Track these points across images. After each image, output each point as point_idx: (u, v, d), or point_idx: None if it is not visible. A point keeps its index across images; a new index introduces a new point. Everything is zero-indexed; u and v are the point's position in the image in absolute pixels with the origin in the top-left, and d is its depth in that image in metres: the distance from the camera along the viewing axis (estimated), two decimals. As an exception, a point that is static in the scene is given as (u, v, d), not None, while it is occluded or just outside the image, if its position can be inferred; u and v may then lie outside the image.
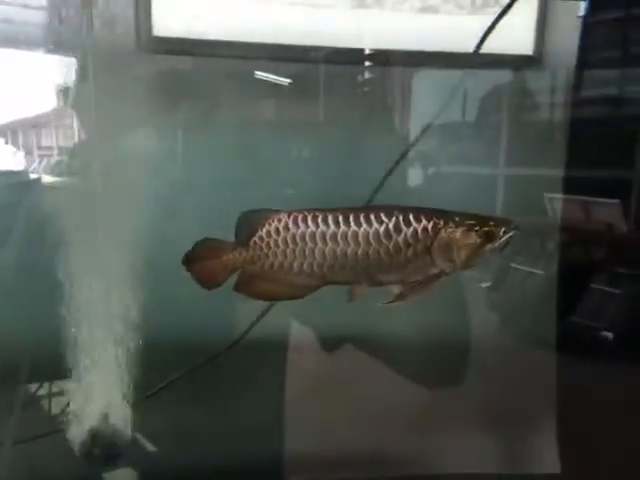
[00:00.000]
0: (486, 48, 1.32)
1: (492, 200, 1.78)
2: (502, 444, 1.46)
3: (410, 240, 0.74)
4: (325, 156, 1.33)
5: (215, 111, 1.24)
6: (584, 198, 2.50)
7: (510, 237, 0.73)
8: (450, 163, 1.72)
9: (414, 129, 1.55)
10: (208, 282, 0.75)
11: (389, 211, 0.75)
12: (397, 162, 1.15)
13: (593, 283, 2.55)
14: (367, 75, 1.48)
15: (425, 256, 0.74)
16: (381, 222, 0.74)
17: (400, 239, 0.73)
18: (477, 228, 0.74)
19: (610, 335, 2.40)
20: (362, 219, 0.74)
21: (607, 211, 2.51)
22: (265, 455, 1.14)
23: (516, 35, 1.40)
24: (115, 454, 0.75)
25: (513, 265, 2.47)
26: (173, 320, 1.00)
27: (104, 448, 0.73)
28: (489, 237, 0.74)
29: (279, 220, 0.74)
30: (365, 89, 1.46)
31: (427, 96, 1.54)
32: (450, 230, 0.74)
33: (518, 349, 1.62)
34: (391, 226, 0.74)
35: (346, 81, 1.45)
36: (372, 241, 0.73)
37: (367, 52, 1.36)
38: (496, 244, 0.74)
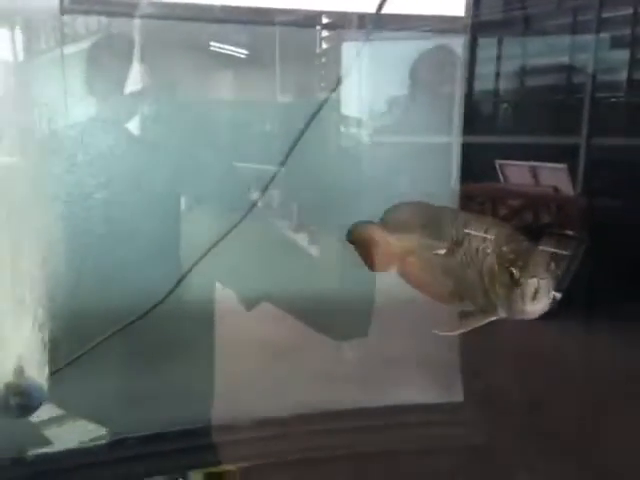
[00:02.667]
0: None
1: (446, 168, 1.81)
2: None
3: (467, 258, 0.61)
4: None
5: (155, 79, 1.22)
6: (532, 163, 2.57)
7: (549, 292, 0.52)
8: (403, 132, 1.74)
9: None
10: (378, 265, 0.71)
11: (469, 221, 0.64)
12: (304, 130, 1.15)
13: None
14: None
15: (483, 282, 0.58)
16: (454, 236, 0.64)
17: (460, 255, 0.63)
18: (507, 265, 0.56)
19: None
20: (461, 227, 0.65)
21: (555, 175, 2.59)
22: (196, 415, 1.19)
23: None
24: (31, 405, 0.79)
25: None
26: (99, 282, 1.02)
27: (20, 399, 0.77)
28: (513, 280, 0.56)
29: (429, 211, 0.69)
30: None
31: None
32: (499, 261, 0.57)
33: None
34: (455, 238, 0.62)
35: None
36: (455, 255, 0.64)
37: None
38: (523, 293, 0.55)
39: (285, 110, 1.36)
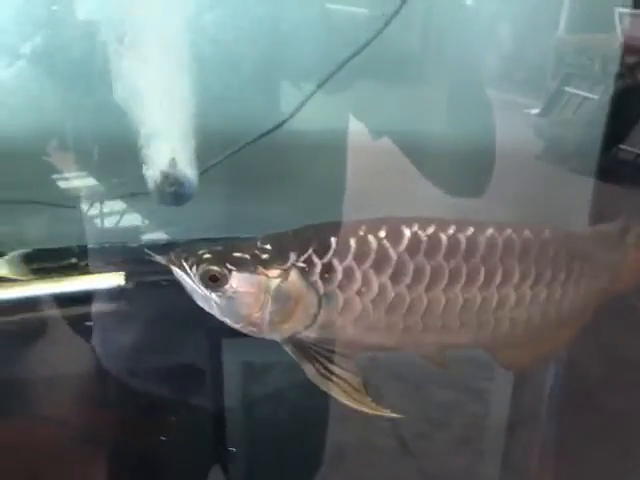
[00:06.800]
0: None
1: (555, 17, 1.66)
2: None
3: None
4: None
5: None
6: (659, 14, 2.28)
7: None
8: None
9: None
10: None
11: None
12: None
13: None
14: None
15: None
16: None
17: None
18: None
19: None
20: None
21: (684, 29, 2.30)
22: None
23: None
24: (184, 194, 0.88)
25: (567, 89, 2.36)
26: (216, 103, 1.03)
27: (174, 187, 0.85)
28: None
29: None
30: None
31: None
32: None
33: (557, 175, 1.63)
34: None
35: None
36: None
37: None
38: None
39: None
